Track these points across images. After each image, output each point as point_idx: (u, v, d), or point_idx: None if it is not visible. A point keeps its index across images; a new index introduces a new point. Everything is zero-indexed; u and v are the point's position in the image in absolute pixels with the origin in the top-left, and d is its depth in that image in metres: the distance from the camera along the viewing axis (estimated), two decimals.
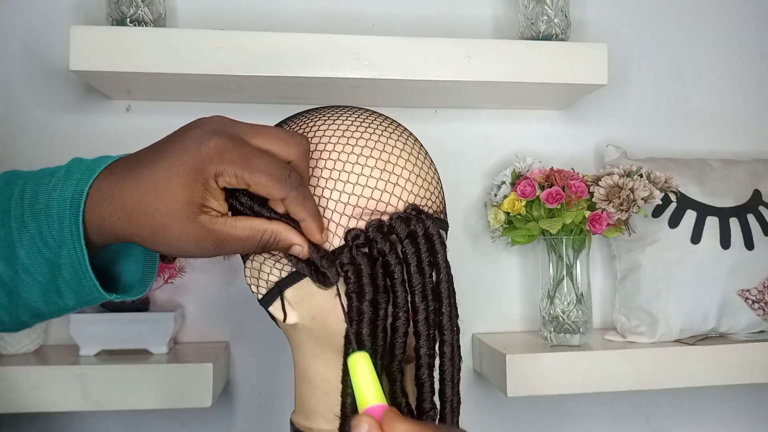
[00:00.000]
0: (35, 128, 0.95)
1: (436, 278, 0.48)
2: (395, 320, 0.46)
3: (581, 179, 0.91)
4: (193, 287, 0.97)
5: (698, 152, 1.09)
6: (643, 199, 0.89)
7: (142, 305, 0.90)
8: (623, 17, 1.09)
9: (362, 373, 0.40)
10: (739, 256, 0.95)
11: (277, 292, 0.50)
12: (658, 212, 0.96)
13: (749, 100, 1.12)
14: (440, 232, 0.49)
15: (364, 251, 0.46)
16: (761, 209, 0.98)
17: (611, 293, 1.04)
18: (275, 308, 0.50)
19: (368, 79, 0.86)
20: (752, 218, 0.97)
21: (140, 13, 0.86)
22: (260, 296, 0.51)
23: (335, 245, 0.48)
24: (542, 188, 0.90)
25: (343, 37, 0.86)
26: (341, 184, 0.48)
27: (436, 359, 0.48)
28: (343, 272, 0.46)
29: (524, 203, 0.90)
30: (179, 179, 0.41)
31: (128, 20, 0.86)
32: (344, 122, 0.51)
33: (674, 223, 0.96)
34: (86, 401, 0.80)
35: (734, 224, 0.96)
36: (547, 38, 0.94)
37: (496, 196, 0.96)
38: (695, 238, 0.95)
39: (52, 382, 0.80)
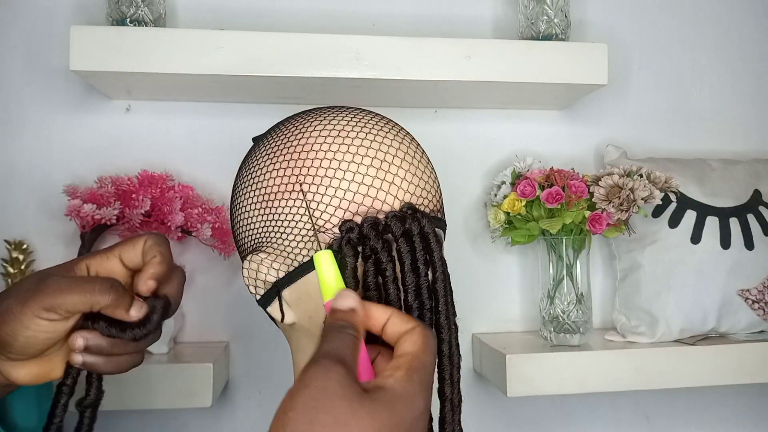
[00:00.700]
0: (35, 128, 0.95)
1: (432, 276, 0.48)
2: None
3: (581, 179, 0.91)
4: (193, 287, 0.97)
5: (698, 152, 1.09)
6: (643, 199, 0.89)
7: None
8: (623, 17, 1.09)
9: (327, 268, 0.44)
10: (739, 256, 0.95)
11: (274, 292, 0.50)
12: (658, 212, 0.96)
13: (749, 100, 1.12)
14: (436, 230, 0.49)
15: (352, 244, 0.46)
16: (761, 209, 0.98)
17: (611, 293, 1.04)
18: (273, 308, 0.51)
19: (368, 79, 0.86)
20: (752, 218, 0.97)
21: (140, 13, 0.86)
22: (258, 297, 0.51)
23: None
24: (542, 188, 0.90)
25: (343, 37, 0.86)
26: (336, 181, 0.48)
27: None
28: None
29: (524, 203, 0.90)
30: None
31: (128, 20, 0.86)
32: (340, 122, 0.51)
33: (674, 223, 0.96)
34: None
35: (734, 224, 0.96)
36: (547, 38, 0.94)
37: (496, 196, 0.96)
38: (695, 238, 0.95)
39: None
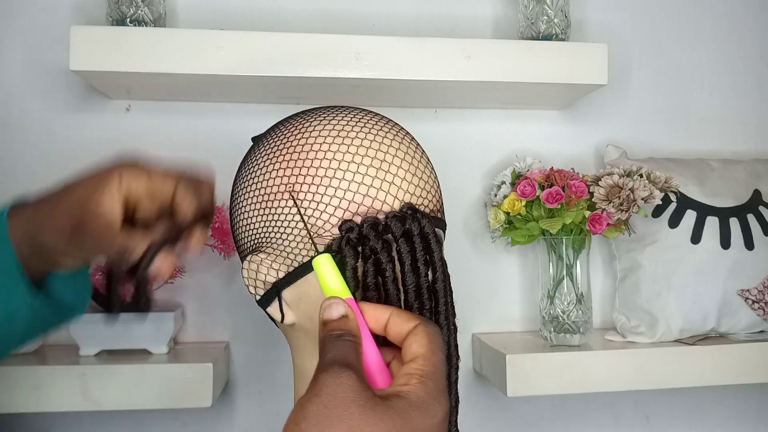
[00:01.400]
0: (35, 128, 0.95)
1: (432, 277, 0.48)
2: None
3: (581, 179, 0.91)
4: (193, 287, 0.97)
5: (698, 152, 1.09)
6: (643, 199, 0.89)
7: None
8: (623, 17, 1.09)
9: (327, 271, 0.43)
10: (739, 256, 0.95)
11: (274, 292, 0.50)
12: (658, 212, 0.96)
13: (749, 100, 1.12)
14: (436, 230, 0.49)
15: (352, 244, 0.46)
16: (761, 209, 0.98)
17: (611, 293, 1.04)
18: (273, 309, 0.51)
19: (368, 79, 0.86)
20: (752, 218, 0.97)
21: (140, 13, 0.86)
22: (258, 297, 0.51)
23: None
24: (542, 188, 0.90)
25: (343, 37, 0.86)
26: (336, 181, 0.48)
27: None
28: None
29: (524, 203, 0.90)
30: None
31: (128, 20, 0.86)
32: (339, 122, 0.51)
33: (674, 223, 0.96)
34: (86, 401, 0.80)
35: (734, 224, 0.96)
36: (547, 38, 0.94)
37: (496, 196, 0.96)
38: (695, 238, 0.95)
39: (52, 382, 0.80)
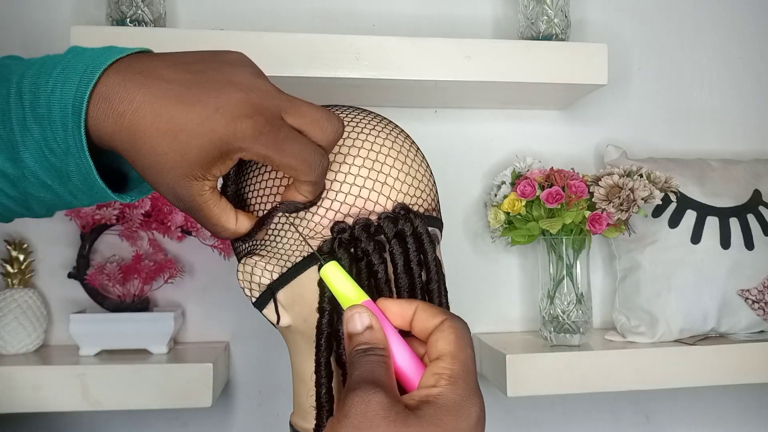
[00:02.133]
0: None
1: (426, 277, 0.48)
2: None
3: (581, 179, 0.91)
4: (193, 287, 0.97)
5: (698, 152, 1.09)
6: (643, 199, 0.89)
7: (142, 305, 0.90)
8: (623, 17, 1.09)
9: (337, 279, 0.41)
10: (739, 256, 0.95)
11: (269, 294, 0.50)
12: (658, 212, 0.96)
13: (749, 100, 1.12)
14: (430, 230, 0.49)
15: (344, 245, 0.46)
16: (761, 209, 0.98)
17: (611, 293, 1.04)
18: (269, 311, 0.50)
19: (368, 79, 0.86)
20: (752, 218, 0.97)
21: (140, 13, 0.86)
22: (254, 299, 0.51)
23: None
24: (542, 188, 0.90)
25: (343, 37, 0.86)
26: (328, 182, 0.47)
27: None
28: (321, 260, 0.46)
29: (524, 203, 0.90)
30: (201, 140, 0.39)
31: (128, 20, 0.86)
32: None
33: (674, 223, 0.96)
34: (86, 401, 0.80)
35: (734, 224, 0.96)
36: (547, 38, 0.94)
37: (496, 196, 0.96)
38: (695, 238, 0.95)
39: (52, 382, 0.80)
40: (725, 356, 0.90)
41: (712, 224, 0.95)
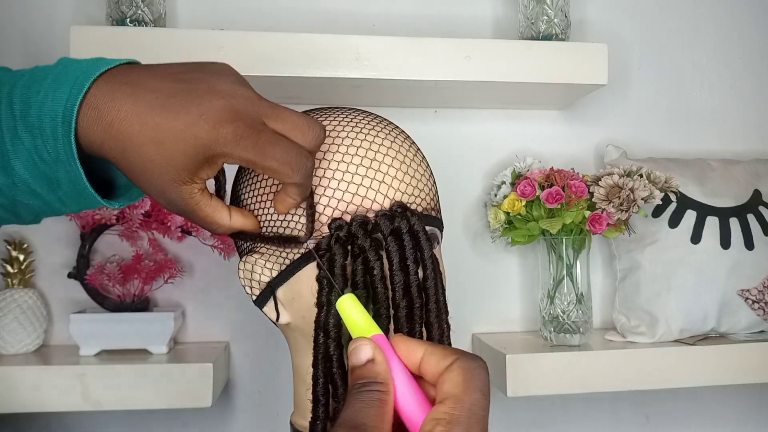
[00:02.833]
0: None
1: (422, 275, 0.48)
2: (375, 317, 0.46)
3: (581, 179, 0.91)
4: (193, 287, 0.97)
5: (698, 152, 1.09)
6: (643, 199, 0.89)
7: (142, 305, 0.90)
8: (623, 17, 1.09)
9: (352, 311, 0.41)
10: (739, 256, 0.95)
11: (269, 292, 0.50)
12: (658, 212, 0.96)
13: (749, 100, 1.12)
14: (428, 229, 0.49)
15: (341, 242, 0.46)
16: (761, 209, 0.98)
17: (611, 293, 1.04)
18: (269, 308, 0.51)
19: (368, 79, 0.86)
20: (752, 218, 0.97)
21: (140, 13, 0.86)
22: (254, 297, 0.51)
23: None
24: (542, 188, 0.90)
25: (343, 37, 0.86)
26: (326, 180, 0.48)
27: None
28: (318, 257, 0.46)
29: (524, 203, 0.90)
30: (185, 146, 0.41)
31: (128, 20, 0.86)
32: (331, 123, 0.51)
33: (674, 223, 0.96)
34: (86, 401, 0.80)
35: (734, 224, 0.96)
36: (547, 38, 0.94)
37: (496, 196, 0.96)
38: (695, 238, 0.95)
39: (52, 382, 0.80)
40: (725, 356, 0.90)
41: (712, 224, 0.96)
